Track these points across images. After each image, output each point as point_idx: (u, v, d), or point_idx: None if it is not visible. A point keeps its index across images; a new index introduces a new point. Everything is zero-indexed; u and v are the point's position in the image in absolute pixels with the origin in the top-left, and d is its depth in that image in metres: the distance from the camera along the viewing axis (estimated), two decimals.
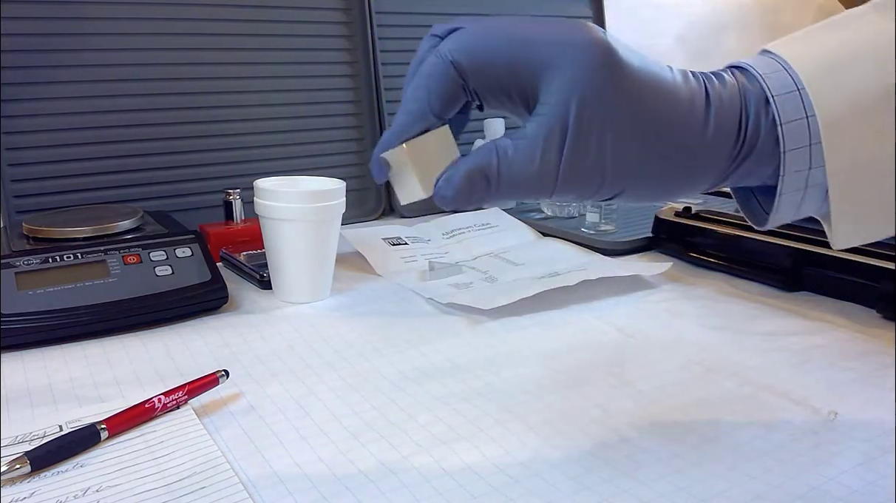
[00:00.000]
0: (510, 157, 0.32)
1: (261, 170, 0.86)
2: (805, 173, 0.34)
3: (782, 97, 0.33)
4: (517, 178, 0.32)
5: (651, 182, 0.34)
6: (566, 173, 0.32)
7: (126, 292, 0.58)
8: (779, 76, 0.34)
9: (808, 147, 0.33)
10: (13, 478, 0.38)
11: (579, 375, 0.51)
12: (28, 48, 0.74)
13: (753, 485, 0.38)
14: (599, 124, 0.32)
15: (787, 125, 0.33)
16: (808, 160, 0.33)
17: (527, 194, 0.33)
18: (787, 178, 0.34)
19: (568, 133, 0.32)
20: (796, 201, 0.35)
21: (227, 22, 0.85)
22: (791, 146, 0.33)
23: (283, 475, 0.39)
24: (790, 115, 0.33)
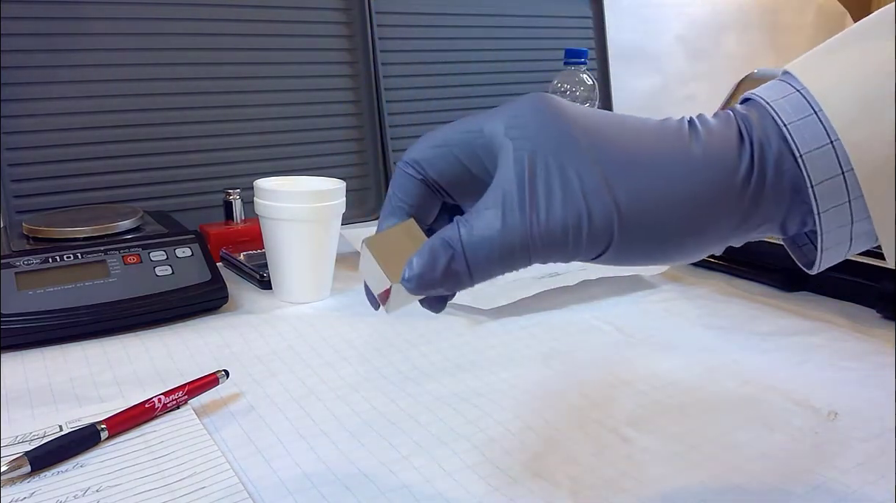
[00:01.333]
0: (471, 223, 0.29)
1: (261, 170, 0.86)
2: (848, 228, 0.30)
3: (813, 154, 0.28)
4: (484, 242, 0.29)
5: (641, 225, 0.29)
6: (535, 230, 0.29)
7: (126, 292, 0.58)
8: (808, 124, 0.29)
9: (848, 203, 0.29)
10: (13, 478, 0.38)
11: (579, 375, 0.51)
12: (28, 48, 0.74)
13: (753, 485, 0.38)
14: (558, 169, 0.29)
15: (819, 186, 0.29)
16: (850, 215, 0.29)
17: (502, 259, 0.29)
18: (827, 235, 0.30)
19: (526, 185, 0.29)
20: (842, 252, 0.31)
21: (227, 22, 0.85)
22: (826, 206, 0.29)
23: (283, 475, 0.39)
24: (822, 174, 0.28)
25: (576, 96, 0.93)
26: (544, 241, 0.29)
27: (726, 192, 0.29)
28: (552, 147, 0.29)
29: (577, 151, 0.29)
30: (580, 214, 0.29)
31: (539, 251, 0.29)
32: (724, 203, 0.29)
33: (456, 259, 0.30)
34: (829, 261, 0.31)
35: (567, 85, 0.94)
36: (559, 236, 0.29)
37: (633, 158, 0.29)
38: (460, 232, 0.30)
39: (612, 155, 0.29)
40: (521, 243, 0.29)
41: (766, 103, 0.30)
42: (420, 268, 0.30)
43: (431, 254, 0.30)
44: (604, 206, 0.28)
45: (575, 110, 0.30)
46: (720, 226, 0.30)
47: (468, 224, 0.30)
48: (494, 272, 0.30)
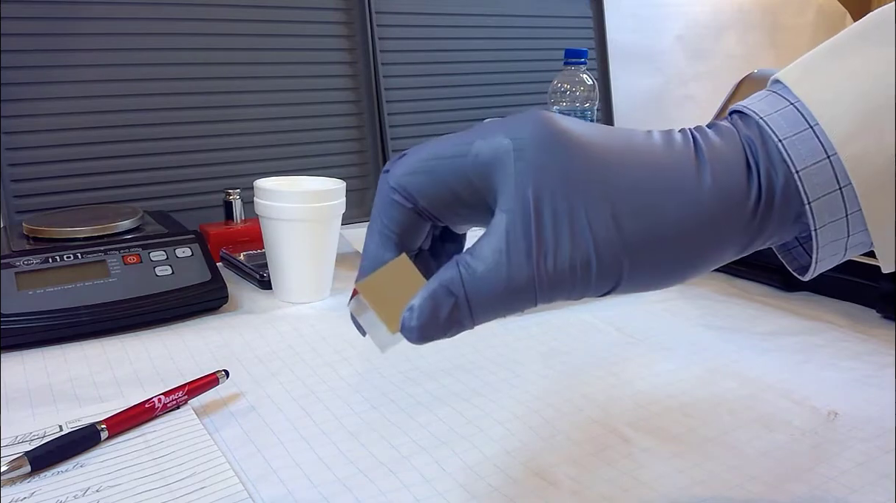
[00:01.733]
0: (474, 267, 0.28)
1: (261, 170, 0.86)
2: (844, 241, 0.29)
3: (809, 170, 0.28)
4: (488, 287, 0.27)
5: (651, 262, 0.28)
6: (542, 270, 0.27)
7: (126, 292, 0.58)
8: (804, 139, 0.28)
9: (846, 218, 0.28)
10: (13, 478, 0.38)
11: (579, 375, 0.51)
12: (28, 48, 0.74)
13: (753, 485, 0.38)
14: (566, 205, 0.27)
15: (816, 202, 0.28)
16: (847, 229, 0.29)
17: (507, 304, 0.28)
18: (823, 249, 0.29)
19: (531, 223, 0.27)
20: (836, 261, 0.30)
21: (228, 22, 0.85)
22: (823, 222, 0.28)
23: (283, 475, 0.39)
24: (819, 190, 0.28)
25: (576, 96, 0.93)
26: (552, 283, 0.27)
27: (735, 223, 0.28)
28: (559, 178, 0.27)
29: (585, 183, 0.27)
30: (589, 256, 0.27)
31: (545, 293, 0.28)
32: (731, 233, 0.28)
33: (459, 307, 0.28)
34: (822, 269, 0.31)
35: (567, 85, 0.94)
36: (567, 278, 0.27)
37: (643, 192, 0.28)
38: (462, 276, 0.28)
39: (620, 188, 0.28)
40: (527, 287, 0.27)
41: (759, 118, 0.29)
42: (421, 320, 0.28)
43: (433, 302, 0.28)
44: (613, 246, 0.27)
45: (581, 133, 0.28)
46: (725, 253, 0.29)
47: (470, 268, 0.28)
48: (498, 315, 0.29)
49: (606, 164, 0.28)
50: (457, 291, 0.28)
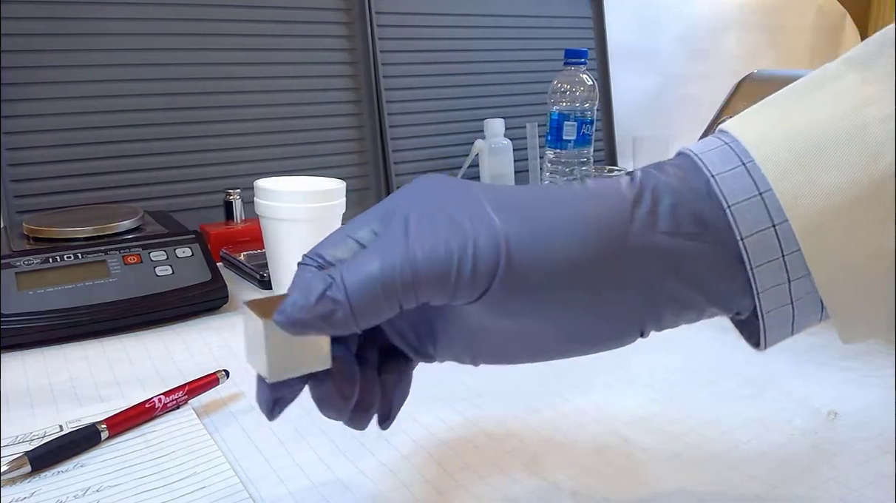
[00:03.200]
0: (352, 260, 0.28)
1: (261, 170, 0.86)
2: (785, 286, 0.28)
3: (741, 205, 0.27)
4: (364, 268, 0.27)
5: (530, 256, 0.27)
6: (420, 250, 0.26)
7: (126, 292, 0.58)
8: (736, 175, 0.27)
9: (782, 258, 0.27)
10: (13, 478, 0.38)
11: (579, 375, 0.51)
12: (28, 48, 0.74)
13: (753, 485, 0.38)
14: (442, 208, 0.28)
15: (749, 238, 0.27)
16: (786, 272, 0.28)
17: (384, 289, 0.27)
18: (765, 295, 0.28)
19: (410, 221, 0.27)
20: (787, 317, 0.29)
21: (228, 22, 0.85)
22: (759, 261, 0.27)
23: (283, 475, 0.39)
24: (752, 227, 0.27)
25: (576, 96, 0.93)
26: (428, 265, 0.26)
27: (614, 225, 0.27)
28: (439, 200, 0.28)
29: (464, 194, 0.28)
30: (466, 237, 0.27)
31: (422, 280, 0.26)
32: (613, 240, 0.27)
33: (334, 287, 0.27)
34: (777, 333, 0.29)
35: (567, 85, 0.94)
36: (443, 260, 0.26)
37: (523, 201, 0.28)
38: (341, 267, 0.28)
39: (500, 194, 0.28)
40: (402, 271, 0.26)
41: (693, 154, 0.29)
42: (293, 299, 0.27)
43: (306, 282, 0.27)
44: (490, 229, 0.27)
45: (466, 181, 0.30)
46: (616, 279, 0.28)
47: (348, 261, 0.28)
48: (378, 307, 0.27)
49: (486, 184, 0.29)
50: (333, 275, 0.27)
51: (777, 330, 0.29)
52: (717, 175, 0.28)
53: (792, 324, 0.29)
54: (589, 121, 0.94)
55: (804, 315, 0.29)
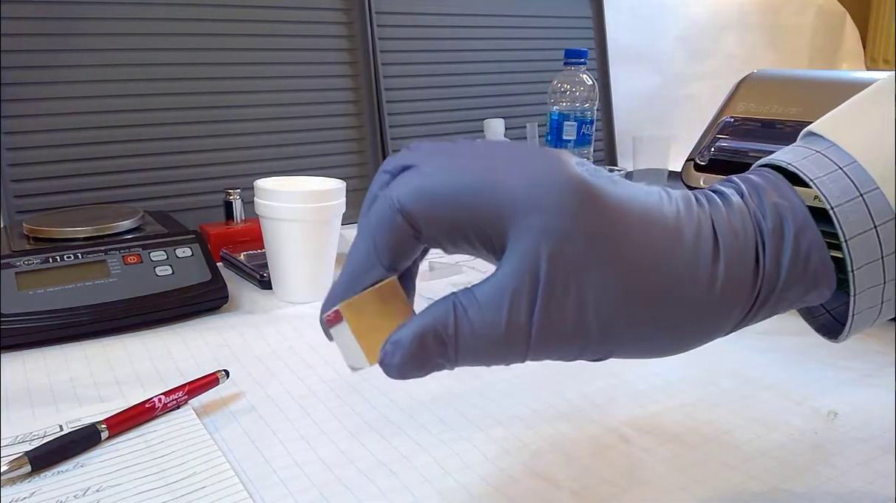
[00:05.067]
0: (471, 317, 0.26)
1: (261, 170, 0.86)
2: (880, 288, 0.29)
3: (844, 207, 0.28)
4: (480, 342, 0.26)
5: (645, 345, 0.28)
6: (540, 336, 0.26)
7: (126, 292, 0.58)
8: (835, 178, 0.28)
9: (881, 260, 0.28)
10: (13, 478, 0.38)
11: (579, 375, 0.51)
12: (28, 48, 0.74)
13: (753, 485, 0.38)
14: (577, 278, 0.26)
15: (852, 240, 0.28)
16: (882, 274, 0.28)
17: (495, 356, 0.27)
18: (860, 297, 0.29)
19: (539, 288, 0.26)
20: (872, 316, 0.30)
21: (227, 22, 0.85)
22: (860, 262, 0.28)
23: (283, 475, 0.39)
24: (855, 229, 0.28)
25: (576, 96, 0.93)
26: (546, 346, 0.27)
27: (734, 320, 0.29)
28: (577, 249, 0.26)
29: (602, 265, 0.26)
30: (589, 330, 0.27)
31: (536, 353, 0.27)
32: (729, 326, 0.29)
33: (448, 354, 0.27)
34: (859, 328, 0.30)
35: (567, 85, 0.94)
36: (560, 345, 0.27)
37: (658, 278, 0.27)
38: (457, 323, 0.26)
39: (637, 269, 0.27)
40: (519, 345, 0.27)
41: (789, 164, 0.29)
42: (404, 359, 0.27)
43: (420, 346, 0.26)
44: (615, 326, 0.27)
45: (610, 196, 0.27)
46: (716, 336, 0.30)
47: (467, 317, 0.26)
48: (481, 364, 0.28)
49: (627, 242, 0.27)
50: (448, 341, 0.27)
51: (859, 326, 0.30)
52: (816, 179, 0.28)
53: (875, 320, 0.30)
54: (589, 121, 0.94)
55: (887, 313, 0.30)
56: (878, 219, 0.28)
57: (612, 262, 0.26)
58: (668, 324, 0.28)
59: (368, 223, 0.28)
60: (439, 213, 0.27)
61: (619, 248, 0.26)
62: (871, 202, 0.28)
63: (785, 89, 0.72)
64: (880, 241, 0.28)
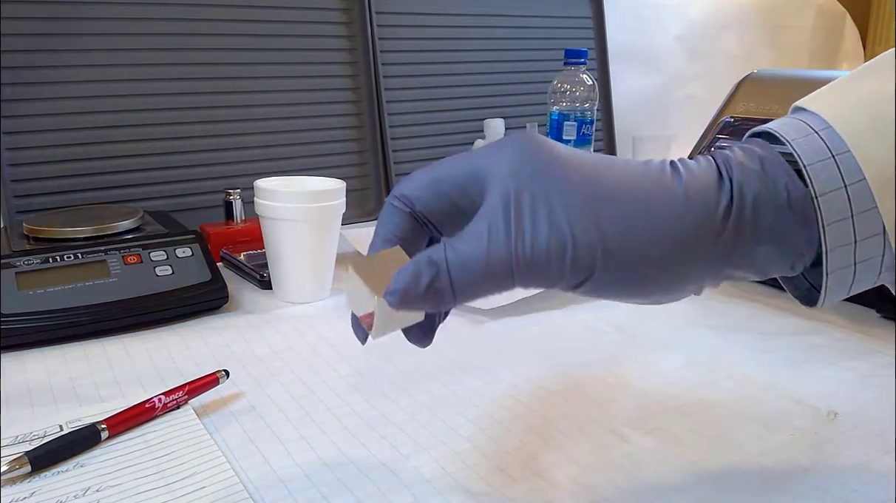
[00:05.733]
0: (457, 245, 0.30)
1: (261, 170, 0.86)
2: (851, 247, 0.30)
3: (815, 166, 0.30)
4: (468, 261, 0.29)
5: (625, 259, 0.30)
6: (522, 250, 0.29)
7: (126, 292, 0.58)
8: (809, 141, 0.30)
9: (850, 219, 0.29)
10: (13, 478, 0.38)
11: (579, 375, 0.51)
12: (28, 48, 0.74)
13: (753, 484, 0.38)
14: (545, 198, 0.29)
15: (822, 197, 0.29)
16: (853, 233, 0.30)
17: (486, 280, 0.30)
18: (832, 254, 0.30)
19: (511, 214, 0.29)
20: (847, 279, 0.31)
21: (228, 22, 0.85)
22: (831, 219, 0.30)
23: (283, 475, 0.39)
24: (826, 187, 0.29)
25: (576, 96, 0.93)
26: (528, 264, 0.29)
27: (706, 231, 0.30)
28: (540, 182, 0.30)
29: (565, 186, 0.30)
30: (565, 242, 0.29)
31: (522, 274, 0.29)
32: (703, 241, 0.30)
33: (440, 276, 0.29)
34: (835, 293, 0.32)
35: (567, 85, 0.94)
36: (542, 261, 0.29)
37: (620, 194, 0.30)
38: (446, 251, 0.30)
39: (599, 190, 0.30)
40: (505, 265, 0.29)
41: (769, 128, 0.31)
42: (403, 283, 0.29)
43: (416, 269, 0.30)
44: (588, 236, 0.29)
45: (563, 149, 0.31)
46: (698, 265, 0.30)
47: (454, 245, 0.30)
48: (478, 293, 0.30)
49: (587, 171, 0.30)
50: (439, 261, 0.30)
51: (836, 290, 0.31)
52: (792, 140, 0.30)
53: (850, 285, 0.31)
54: (589, 121, 0.94)
55: (862, 278, 0.31)
56: (849, 179, 0.29)
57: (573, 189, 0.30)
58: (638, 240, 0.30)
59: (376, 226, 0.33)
60: (425, 188, 0.32)
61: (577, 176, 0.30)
62: (842, 163, 0.29)
63: (785, 89, 0.72)
64: (850, 200, 0.29)
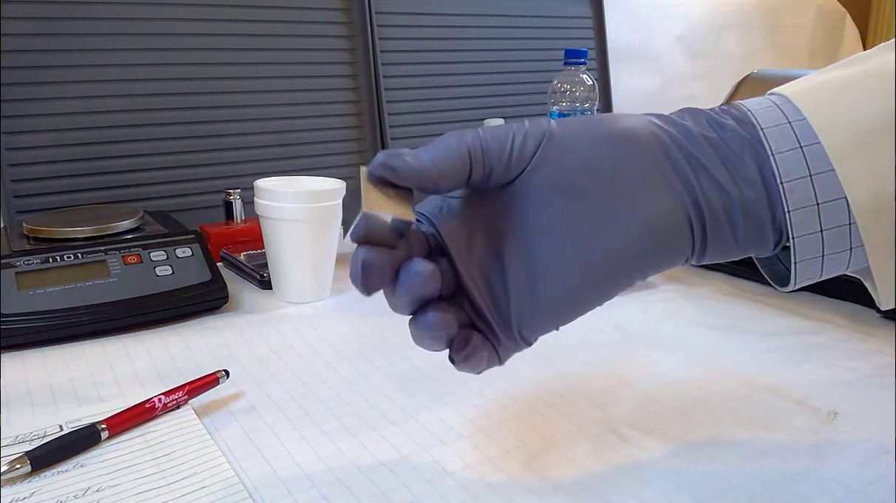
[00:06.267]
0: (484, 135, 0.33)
1: (261, 170, 0.86)
2: (815, 209, 0.31)
3: (772, 129, 0.31)
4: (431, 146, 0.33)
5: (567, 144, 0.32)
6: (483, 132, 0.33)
7: (126, 292, 0.58)
8: (769, 112, 0.32)
9: (810, 177, 0.30)
10: (13, 478, 0.38)
11: (579, 375, 0.51)
12: (28, 48, 0.74)
13: (753, 485, 0.38)
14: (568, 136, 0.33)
15: (779, 155, 0.31)
16: (814, 194, 0.30)
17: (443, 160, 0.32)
18: (795, 215, 0.31)
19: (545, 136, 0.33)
20: (816, 248, 0.31)
21: (227, 22, 0.85)
22: (789, 176, 0.31)
23: (283, 475, 0.39)
24: (782, 146, 0.31)
25: (576, 96, 0.93)
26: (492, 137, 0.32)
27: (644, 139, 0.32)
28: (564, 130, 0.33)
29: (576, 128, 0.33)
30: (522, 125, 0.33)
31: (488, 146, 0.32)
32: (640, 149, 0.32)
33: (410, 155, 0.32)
34: (806, 269, 0.32)
35: (567, 85, 0.94)
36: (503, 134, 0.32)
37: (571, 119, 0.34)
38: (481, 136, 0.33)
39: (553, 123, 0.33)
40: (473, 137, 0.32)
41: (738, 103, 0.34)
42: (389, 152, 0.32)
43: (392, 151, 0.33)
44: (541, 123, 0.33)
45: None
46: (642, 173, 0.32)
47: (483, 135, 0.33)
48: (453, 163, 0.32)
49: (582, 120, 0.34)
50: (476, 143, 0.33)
51: (807, 265, 0.32)
52: (753, 110, 0.32)
53: (822, 261, 0.32)
54: None
55: (833, 253, 0.31)
56: (804, 141, 0.31)
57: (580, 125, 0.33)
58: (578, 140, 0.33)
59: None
60: None
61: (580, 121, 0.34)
62: (797, 128, 0.31)
63: None
64: (806, 160, 0.31)
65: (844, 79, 0.32)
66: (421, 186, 0.32)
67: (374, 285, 0.31)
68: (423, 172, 0.32)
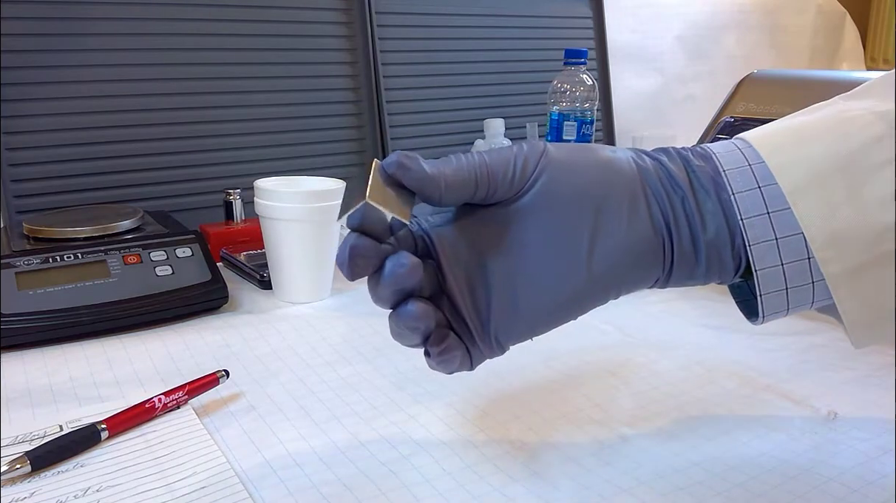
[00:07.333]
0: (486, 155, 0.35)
1: (261, 170, 0.86)
2: (774, 243, 0.33)
3: (733, 171, 0.34)
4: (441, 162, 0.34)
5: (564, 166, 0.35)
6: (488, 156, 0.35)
7: (126, 292, 0.58)
8: (732, 155, 0.35)
9: (767, 215, 0.33)
10: (13, 478, 0.38)
11: (579, 375, 0.51)
12: (28, 48, 0.74)
13: (753, 484, 0.38)
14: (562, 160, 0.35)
15: (739, 195, 0.33)
16: (773, 230, 0.33)
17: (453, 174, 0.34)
18: (756, 249, 0.33)
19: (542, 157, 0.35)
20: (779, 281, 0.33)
21: (228, 22, 0.85)
22: (749, 213, 0.33)
23: (283, 475, 0.39)
24: (741, 186, 0.33)
25: (576, 96, 0.93)
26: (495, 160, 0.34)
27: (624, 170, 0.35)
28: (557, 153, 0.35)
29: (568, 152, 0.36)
30: (521, 148, 0.35)
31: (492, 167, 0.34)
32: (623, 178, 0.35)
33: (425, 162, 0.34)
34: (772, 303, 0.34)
35: (567, 85, 0.94)
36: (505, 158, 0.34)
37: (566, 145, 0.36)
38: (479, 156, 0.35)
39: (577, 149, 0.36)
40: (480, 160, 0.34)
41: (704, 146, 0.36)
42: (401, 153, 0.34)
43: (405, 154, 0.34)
44: (538, 145, 0.35)
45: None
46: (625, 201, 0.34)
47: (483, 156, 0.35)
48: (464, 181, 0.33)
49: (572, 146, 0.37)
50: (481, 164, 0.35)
51: (773, 298, 0.34)
52: (717, 153, 0.35)
53: (786, 294, 0.34)
54: (589, 121, 0.94)
55: (796, 290, 0.34)
56: (763, 182, 0.33)
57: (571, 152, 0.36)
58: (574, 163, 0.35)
59: None
60: None
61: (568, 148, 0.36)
62: (756, 170, 0.34)
63: (785, 89, 0.72)
64: (765, 199, 0.33)
65: (801, 125, 0.35)
66: (426, 194, 0.34)
67: (358, 271, 0.33)
68: (433, 181, 0.33)
